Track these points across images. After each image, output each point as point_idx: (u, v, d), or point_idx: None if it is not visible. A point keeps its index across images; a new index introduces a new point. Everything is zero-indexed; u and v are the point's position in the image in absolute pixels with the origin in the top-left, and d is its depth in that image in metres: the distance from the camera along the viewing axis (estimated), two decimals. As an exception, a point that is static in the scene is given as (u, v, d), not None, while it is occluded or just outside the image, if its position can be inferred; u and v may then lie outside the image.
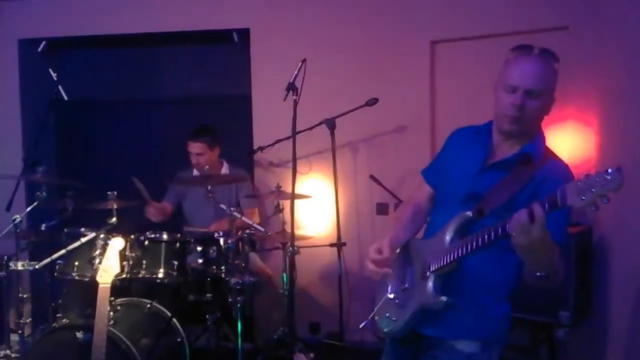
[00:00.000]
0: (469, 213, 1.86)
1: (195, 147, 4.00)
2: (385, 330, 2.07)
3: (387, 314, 2.05)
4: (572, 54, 3.52)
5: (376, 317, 2.12)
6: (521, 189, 1.83)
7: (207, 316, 3.52)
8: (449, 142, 2.17)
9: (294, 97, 3.27)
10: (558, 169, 1.87)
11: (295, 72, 3.31)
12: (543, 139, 1.95)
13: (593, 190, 1.42)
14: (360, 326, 2.16)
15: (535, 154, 1.88)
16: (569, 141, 3.57)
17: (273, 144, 4.14)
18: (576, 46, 3.54)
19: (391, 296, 2.06)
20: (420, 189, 2.22)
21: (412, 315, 1.94)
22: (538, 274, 1.71)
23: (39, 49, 4.71)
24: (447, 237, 1.86)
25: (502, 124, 1.91)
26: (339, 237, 4.01)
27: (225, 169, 4.21)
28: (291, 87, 3.26)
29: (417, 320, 1.95)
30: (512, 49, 1.93)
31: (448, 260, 1.82)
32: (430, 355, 1.98)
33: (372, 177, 4.08)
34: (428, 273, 1.89)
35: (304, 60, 3.33)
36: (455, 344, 1.93)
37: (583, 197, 1.43)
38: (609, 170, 1.41)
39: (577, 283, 3.04)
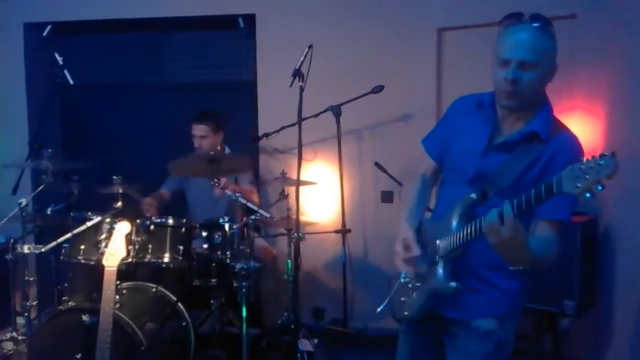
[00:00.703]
0: (473, 196, 1.85)
1: (199, 130, 3.99)
2: (400, 313, 2.09)
3: (402, 298, 2.07)
4: (580, 43, 3.50)
5: (392, 301, 2.13)
6: (529, 167, 1.81)
7: (212, 301, 3.54)
8: (452, 112, 2.12)
9: (300, 84, 3.26)
10: (569, 141, 1.84)
11: (302, 58, 3.29)
12: (549, 109, 1.89)
13: (587, 177, 1.40)
14: (378, 310, 2.16)
15: (542, 129, 1.83)
16: (576, 132, 3.55)
17: (278, 131, 4.12)
18: (584, 36, 3.51)
19: (404, 280, 2.07)
20: (423, 161, 2.19)
21: (425, 299, 1.95)
22: (512, 268, 1.74)
23: (45, 33, 4.70)
24: (454, 222, 1.86)
25: (500, 100, 1.87)
26: (343, 224, 4.01)
27: (227, 156, 4.21)
28: (297, 73, 3.25)
29: (431, 304, 1.96)
30: (502, 19, 1.85)
31: (454, 246, 1.83)
32: (450, 333, 2.00)
33: (377, 164, 4.07)
34: (437, 258, 1.90)
35: (310, 46, 3.31)
36: (473, 322, 1.95)
37: (578, 185, 1.42)
38: (602, 156, 1.39)
39: (582, 273, 3.04)
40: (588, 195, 1.41)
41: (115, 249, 2.69)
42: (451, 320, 1.99)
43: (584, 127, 3.50)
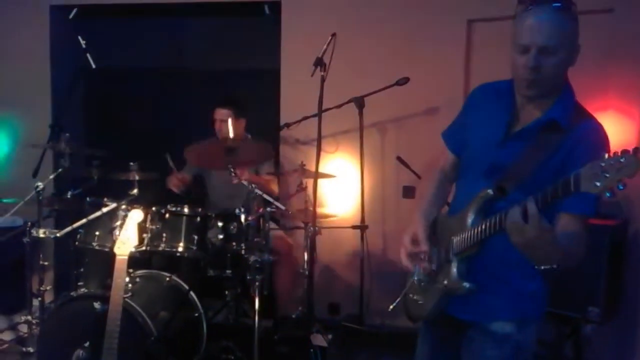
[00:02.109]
0: (490, 191, 1.73)
1: (221, 114, 3.95)
2: (414, 313, 2.01)
3: (415, 297, 1.99)
4: (616, 38, 3.34)
5: (405, 300, 2.06)
6: (549, 159, 1.69)
7: (227, 292, 3.50)
8: (471, 101, 2.03)
9: (322, 73, 3.17)
10: (593, 130, 1.72)
11: (325, 46, 3.20)
12: (571, 95, 1.78)
13: (607, 175, 1.29)
14: (390, 308, 2.09)
15: (563, 117, 1.71)
16: (608, 132, 3.41)
17: (299, 121, 4.05)
18: (621, 31, 3.35)
19: (417, 279, 1.99)
20: (444, 155, 2.10)
21: (438, 299, 1.87)
22: (542, 267, 1.60)
23: (70, 16, 4.69)
24: (469, 219, 1.75)
25: (520, 88, 1.76)
26: (362, 219, 3.93)
27: (249, 144, 4.16)
28: (319, 63, 3.16)
29: (444, 304, 1.88)
30: (520, 0, 1.72)
31: (470, 244, 1.73)
32: (466, 336, 1.90)
33: (399, 158, 3.97)
34: (451, 256, 1.80)
35: (333, 35, 3.21)
36: (489, 325, 1.85)
37: (597, 184, 1.31)
38: (624, 153, 1.28)
39: (608, 279, 2.93)
40: (608, 194, 1.31)
41: (127, 237, 2.64)
42: (467, 322, 1.89)
43: (617, 127, 3.35)
